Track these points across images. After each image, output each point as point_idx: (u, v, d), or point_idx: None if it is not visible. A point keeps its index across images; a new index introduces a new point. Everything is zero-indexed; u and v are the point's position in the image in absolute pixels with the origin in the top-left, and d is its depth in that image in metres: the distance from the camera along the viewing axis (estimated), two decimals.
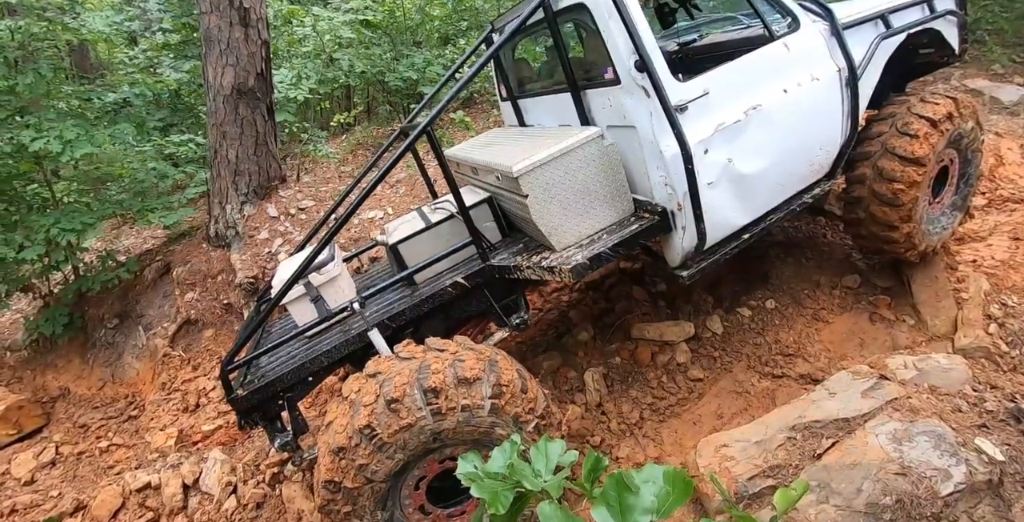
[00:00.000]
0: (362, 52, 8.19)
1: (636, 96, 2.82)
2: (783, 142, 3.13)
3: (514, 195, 2.98)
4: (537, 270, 2.94)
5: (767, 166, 3.10)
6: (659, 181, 2.90)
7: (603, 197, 3.01)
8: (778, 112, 3.07)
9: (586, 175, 2.93)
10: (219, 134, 6.04)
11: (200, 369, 5.51)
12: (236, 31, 5.81)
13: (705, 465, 2.65)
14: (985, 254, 4.26)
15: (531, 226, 3.08)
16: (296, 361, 3.01)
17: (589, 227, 3.03)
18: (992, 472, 2.36)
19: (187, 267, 6.02)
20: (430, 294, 3.09)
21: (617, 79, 2.88)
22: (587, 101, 3.21)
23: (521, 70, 4.20)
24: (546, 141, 2.99)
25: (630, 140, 2.95)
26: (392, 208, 5.87)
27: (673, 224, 2.94)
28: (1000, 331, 3.65)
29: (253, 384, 2.98)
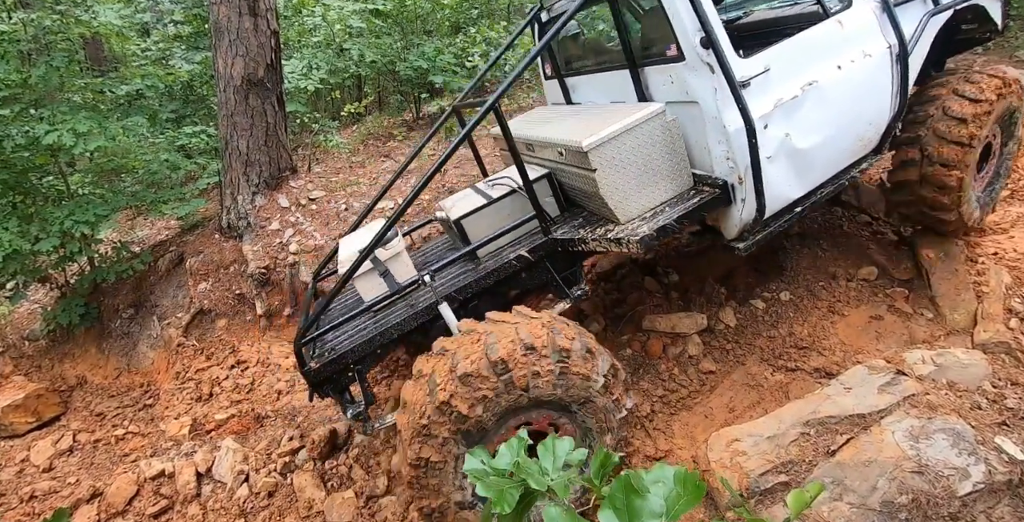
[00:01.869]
0: (372, 41, 8.14)
1: (700, 72, 2.87)
2: (836, 118, 3.18)
3: (580, 169, 3.06)
4: (603, 242, 3.03)
5: (821, 141, 3.15)
6: (721, 155, 2.97)
7: (665, 171, 3.09)
8: (832, 88, 3.12)
9: (650, 150, 3.01)
10: (230, 125, 6.04)
11: (213, 358, 5.56)
12: (245, 21, 5.78)
13: (716, 459, 2.62)
14: (1007, 246, 4.14)
15: (595, 200, 3.16)
16: (367, 334, 3.09)
17: (651, 200, 3.11)
18: (1012, 472, 2.31)
19: (200, 257, 6.06)
20: (495, 267, 3.19)
21: (681, 56, 2.92)
22: (645, 78, 3.28)
23: (567, 48, 4.20)
24: (610, 117, 3.06)
25: (692, 115, 3.01)
26: (402, 198, 5.84)
27: (733, 197, 3.01)
28: (1022, 326, 3.56)
29: (325, 357, 3.05)
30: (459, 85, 7.93)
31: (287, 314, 5.57)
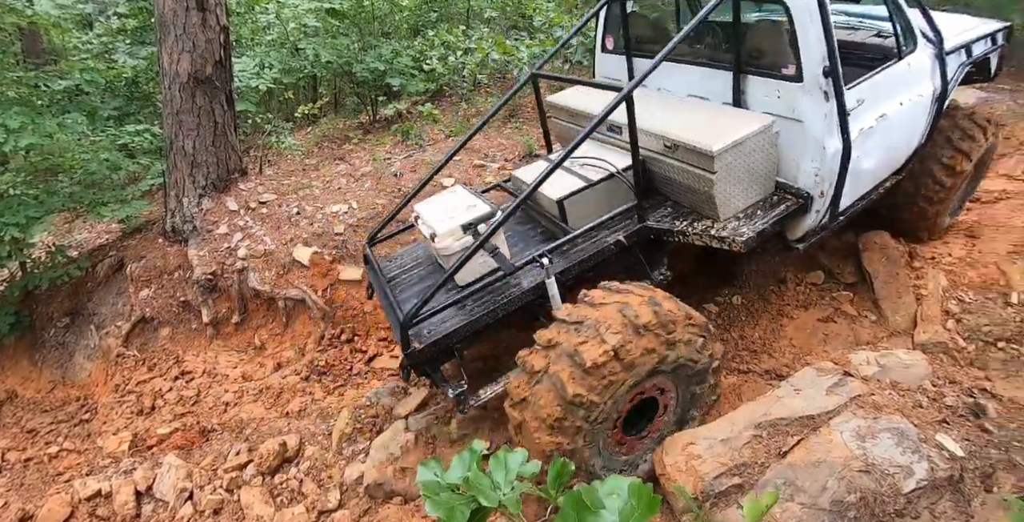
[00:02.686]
0: (328, 41, 7.96)
1: (815, 97, 3.06)
2: (889, 145, 3.59)
3: (695, 168, 3.19)
4: (706, 238, 3.22)
5: (875, 163, 3.53)
6: (810, 171, 3.22)
7: (760, 177, 3.30)
8: (894, 121, 3.48)
9: (757, 157, 3.20)
10: (175, 124, 5.78)
11: (156, 369, 5.30)
12: (193, 16, 5.56)
13: (672, 463, 2.62)
14: (943, 251, 4.35)
15: (698, 196, 3.31)
16: (473, 314, 3.04)
17: (746, 202, 3.32)
18: (953, 468, 2.39)
19: (142, 263, 5.77)
20: (596, 250, 3.24)
21: (799, 77, 3.08)
22: (745, 84, 3.42)
23: (639, 27, 4.21)
24: (729, 122, 3.23)
25: (791, 131, 3.22)
26: (356, 202, 5.72)
27: (809, 207, 3.29)
28: (957, 326, 3.73)
29: (428, 338, 2.97)
30: (417, 88, 7.83)
31: (235, 322, 5.36)
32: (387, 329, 5.15)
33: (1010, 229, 4.47)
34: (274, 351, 5.24)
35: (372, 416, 3.90)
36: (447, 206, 3.35)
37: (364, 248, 3.67)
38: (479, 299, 3.14)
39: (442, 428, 3.52)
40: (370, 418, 3.89)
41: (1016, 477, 2.47)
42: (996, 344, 3.59)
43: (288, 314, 5.28)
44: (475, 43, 7.26)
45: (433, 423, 3.56)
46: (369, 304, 5.18)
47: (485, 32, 7.95)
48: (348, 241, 5.38)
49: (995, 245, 4.31)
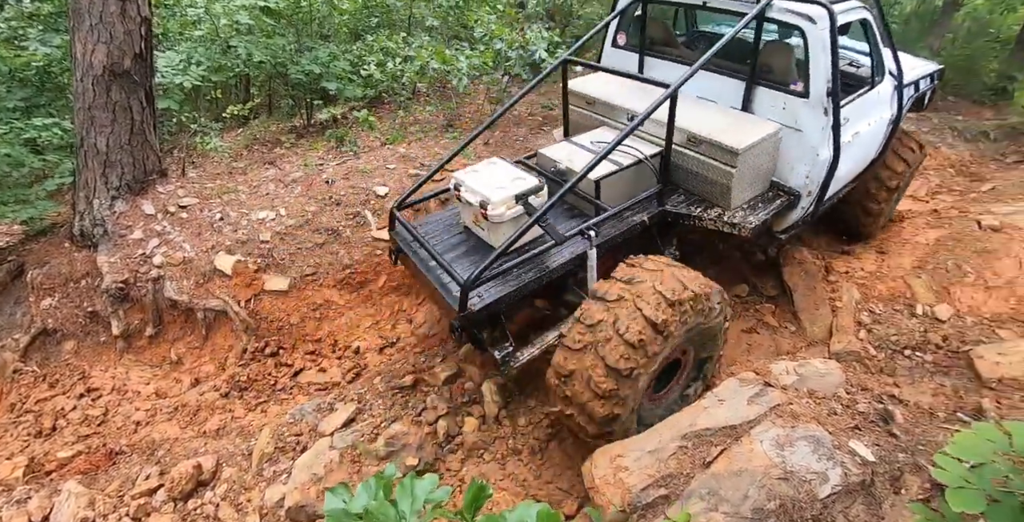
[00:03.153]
0: (262, 41, 7.65)
1: (816, 112, 3.61)
2: (857, 158, 4.23)
3: (717, 162, 3.65)
4: (720, 223, 3.70)
5: (846, 171, 4.15)
6: (802, 173, 3.80)
7: (763, 175, 3.84)
8: (863, 138, 4.13)
9: (765, 157, 3.74)
10: (87, 119, 5.37)
11: (58, 386, 4.85)
12: (111, 4, 5.19)
13: (600, 476, 2.62)
14: (856, 266, 4.63)
15: (714, 187, 3.77)
16: (521, 280, 3.27)
17: (750, 195, 3.84)
18: (865, 473, 2.50)
19: (45, 269, 5.29)
20: (625, 228, 3.59)
21: (806, 94, 3.62)
22: (755, 94, 3.91)
23: (655, 29, 4.61)
24: (747, 126, 3.74)
25: (790, 138, 3.78)
26: (285, 209, 5.48)
27: (797, 204, 3.88)
28: (869, 336, 3.96)
29: (483, 300, 3.15)
30: (354, 93, 7.64)
31: (149, 334, 5.00)
32: (315, 341, 4.94)
33: (915, 246, 4.82)
34: (192, 366, 4.92)
35: (296, 434, 3.71)
36: (493, 177, 3.53)
37: (391, 213, 3.81)
38: (525, 267, 3.35)
39: (368, 446, 3.38)
40: (293, 436, 3.69)
41: (922, 479, 2.61)
42: (903, 352, 3.84)
43: (208, 326, 4.97)
44: (415, 51, 7.17)
45: (359, 440, 3.42)
46: (296, 315, 4.96)
47: (426, 40, 7.87)
48: (275, 249, 5.14)
49: (902, 260, 4.62)
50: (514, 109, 7.93)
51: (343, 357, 4.89)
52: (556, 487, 3.23)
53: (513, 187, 3.38)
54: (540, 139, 6.89)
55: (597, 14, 9.90)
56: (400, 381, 3.99)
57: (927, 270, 4.45)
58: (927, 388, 3.41)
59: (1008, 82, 8.86)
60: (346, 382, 4.57)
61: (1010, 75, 8.87)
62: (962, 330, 3.93)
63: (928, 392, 3.36)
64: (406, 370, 4.18)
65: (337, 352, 4.94)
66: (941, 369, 3.63)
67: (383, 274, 5.33)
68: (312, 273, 5.15)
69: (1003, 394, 3.30)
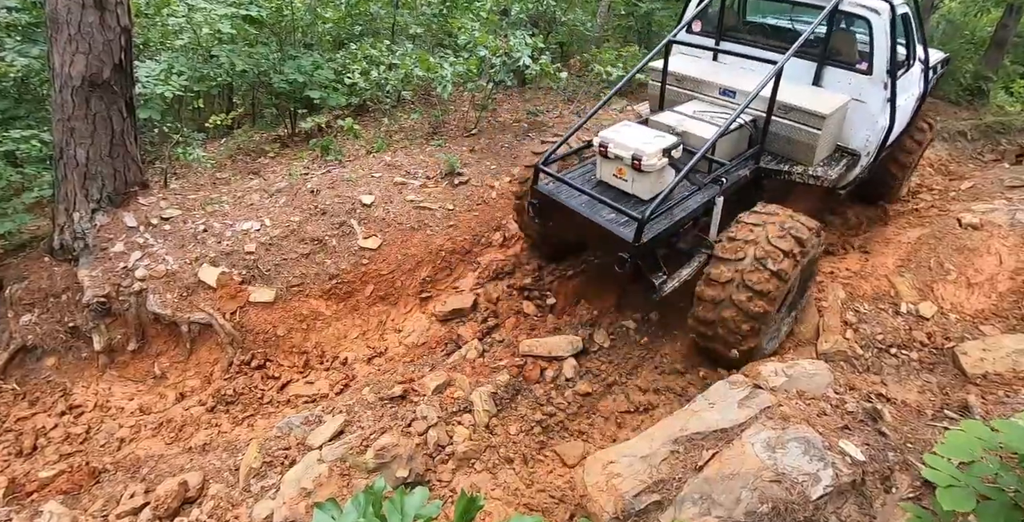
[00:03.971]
0: (245, 50, 7.60)
1: (877, 87, 4.43)
2: (897, 126, 4.90)
3: (805, 126, 4.40)
4: (805, 177, 4.50)
5: (893, 134, 4.87)
6: (863, 137, 4.63)
7: (835, 138, 4.65)
8: (903, 109, 4.86)
9: (838, 123, 4.54)
10: (66, 131, 5.29)
11: (39, 404, 4.74)
12: (90, 14, 5.13)
13: (593, 483, 2.60)
14: (841, 266, 4.68)
15: (798, 146, 4.52)
16: (673, 218, 3.88)
17: (825, 155, 4.63)
18: (855, 473, 2.51)
19: (24, 284, 5.19)
20: (734, 180, 4.22)
21: (869, 72, 4.42)
22: (825, 72, 4.65)
23: (728, 18, 5.33)
24: (828, 96, 4.50)
25: (854, 109, 4.55)
26: (270, 219, 5.42)
27: (856, 163, 4.70)
28: (855, 335, 3.99)
29: (648, 234, 3.68)
30: (338, 102, 7.61)
31: (132, 349, 4.90)
32: (301, 353, 4.88)
33: (897, 245, 4.88)
34: (176, 380, 4.83)
35: (284, 448, 3.64)
36: (637, 135, 4.08)
37: (537, 169, 4.26)
38: (670, 210, 3.92)
39: (358, 458, 3.33)
40: (281, 450, 3.63)
41: (911, 477, 2.62)
42: (889, 350, 3.87)
43: (192, 339, 4.89)
44: (399, 59, 7.16)
45: (349, 453, 3.37)
46: (282, 327, 4.90)
47: (410, 48, 7.86)
48: (260, 260, 5.08)
49: (885, 259, 4.68)
50: (499, 116, 7.94)
51: (331, 368, 4.83)
52: (548, 495, 3.21)
53: (659, 143, 3.94)
54: (526, 145, 6.90)
55: (580, 21, 9.96)
56: (389, 391, 3.95)
57: (910, 268, 4.50)
58: (914, 386, 3.44)
59: (984, 82, 9.04)
60: (334, 394, 4.51)
61: (985, 76, 9.05)
62: (946, 327, 3.97)
63: (915, 390, 3.39)
64: (395, 380, 4.14)
65: (324, 363, 4.88)
66: (927, 366, 3.67)
67: (370, 283, 5.29)
68: (298, 284, 5.10)
69: (988, 390, 3.33)
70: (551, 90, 8.84)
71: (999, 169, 7.01)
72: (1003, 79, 10.06)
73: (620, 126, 4.27)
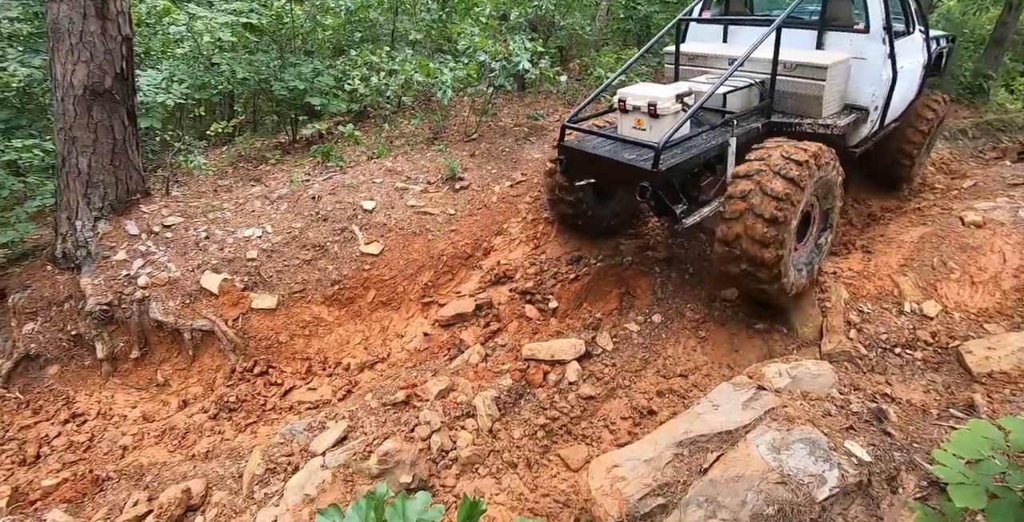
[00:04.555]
0: (245, 57, 7.64)
1: (876, 42, 4.75)
2: (904, 88, 5.28)
3: (811, 80, 4.70)
4: (816, 126, 4.73)
5: (900, 97, 5.28)
6: (869, 92, 4.89)
7: (840, 93, 4.90)
8: (906, 72, 5.18)
9: (842, 77, 4.81)
10: (68, 140, 5.31)
11: (42, 413, 4.74)
12: (91, 24, 5.17)
13: (597, 487, 2.59)
14: (844, 266, 4.65)
15: (805, 101, 4.80)
16: (688, 153, 4.09)
17: (833, 109, 4.91)
18: (862, 474, 2.49)
19: (27, 293, 5.20)
20: (746, 130, 4.50)
21: (867, 30, 4.76)
22: (825, 37, 5.01)
23: (735, 4, 5.88)
24: (827, 53, 4.87)
25: (857, 66, 4.86)
26: (271, 226, 5.43)
27: (866, 118, 4.96)
28: (859, 335, 3.97)
29: (667, 164, 3.88)
30: (339, 108, 7.63)
31: (134, 357, 4.90)
32: (304, 359, 4.88)
33: (900, 244, 4.85)
34: (179, 388, 4.83)
35: (287, 454, 3.63)
36: (652, 88, 4.37)
37: (563, 127, 4.58)
38: (686, 148, 4.16)
39: (361, 464, 3.32)
40: (284, 457, 3.62)
41: (918, 477, 2.60)
42: (893, 350, 3.84)
43: (195, 347, 4.89)
44: (399, 65, 7.18)
45: (352, 459, 3.36)
46: (284, 333, 4.90)
47: (409, 54, 7.89)
48: (261, 267, 5.09)
49: (888, 259, 4.65)
50: (500, 120, 7.96)
51: (333, 374, 4.83)
52: (553, 500, 3.19)
53: (672, 90, 4.23)
54: (527, 149, 6.91)
55: (579, 24, 9.98)
56: (392, 397, 3.94)
57: (913, 268, 4.48)
58: (918, 385, 3.41)
59: (984, 80, 9.03)
60: (337, 400, 4.50)
61: (986, 73, 9.04)
62: (950, 326, 3.95)
63: (920, 389, 3.37)
64: (398, 385, 4.13)
65: (327, 369, 4.88)
66: (931, 366, 3.64)
67: (372, 289, 5.28)
68: (300, 290, 5.10)
69: (994, 388, 3.31)
70: (551, 94, 8.85)
71: (1001, 167, 7.00)
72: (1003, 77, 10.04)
73: (638, 85, 4.62)
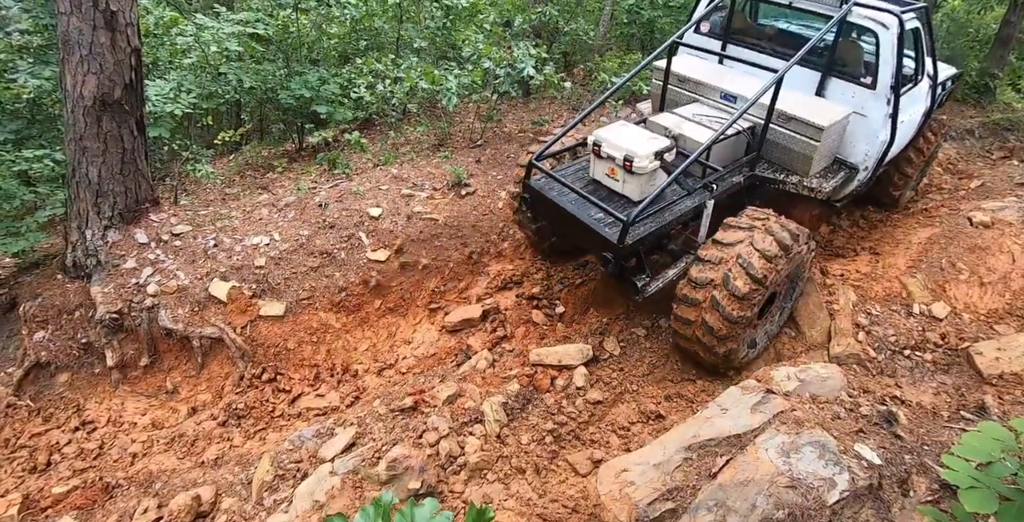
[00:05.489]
0: (252, 67, 7.72)
1: (880, 102, 4.37)
2: (899, 143, 4.89)
3: (804, 137, 4.35)
4: (800, 187, 4.46)
5: (894, 150, 4.81)
6: (862, 151, 4.57)
7: (833, 150, 4.58)
8: (906, 125, 4.81)
9: (837, 135, 4.46)
10: (78, 150, 5.37)
11: (52, 420, 4.78)
12: (101, 35, 5.23)
13: (606, 492, 2.58)
14: (851, 268, 4.63)
15: (796, 157, 4.46)
16: (660, 221, 3.86)
17: (822, 166, 4.59)
18: (872, 477, 2.47)
19: (37, 302, 5.25)
20: (728, 186, 4.23)
21: (873, 86, 4.37)
22: (828, 82, 4.61)
23: (737, 20, 5.29)
24: (829, 108, 4.43)
25: (855, 122, 4.49)
26: (279, 233, 5.47)
27: (855, 177, 4.64)
28: (868, 338, 3.95)
29: (634, 236, 3.68)
30: (344, 116, 7.69)
31: (144, 364, 4.94)
32: (312, 366, 4.90)
33: (908, 246, 4.83)
34: (188, 395, 4.86)
35: (296, 461, 3.64)
36: (631, 136, 4.03)
37: (530, 164, 4.27)
38: (658, 213, 3.89)
39: (370, 470, 3.32)
40: (293, 463, 3.63)
41: (929, 480, 2.58)
42: (903, 352, 3.82)
43: (204, 354, 4.92)
44: (404, 72, 7.24)
45: (361, 465, 3.36)
46: (292, 340, 4.92)
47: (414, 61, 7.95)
48: (269, 274, 5.12)
49: (896, 260, 4.63)
50: (504, 126, 7.99)
51: (341, 381, 4.84)
52: (561, 505, 3.18)
53: (652, 145, 3.90)
54: None
55: (583, 31, 10.03)
56: (400, 403, 3.95)
57: (921, 269, 4.46)
58: (928, 387, 3.39)
59: (990, 79, 8.98)
60: (345, 406, 4.51)
61: (991, 72, 8.99)
62: (960, 327, 3.92)
63: (930, 391, 3.34)
64: (406, 391, 4.14)
65: (335, 376, 4.89)
66: (941, 368, 3.61)
67: (379, 295, 5.30)
68: (308, 297, 5.12)
69: (1005, 389, 3.28)
70: (555, 100, 8.89)
71: (1008, 166, 6.95)
72: (1009, 76, 9.98)
73: (616, 126, 4.23)
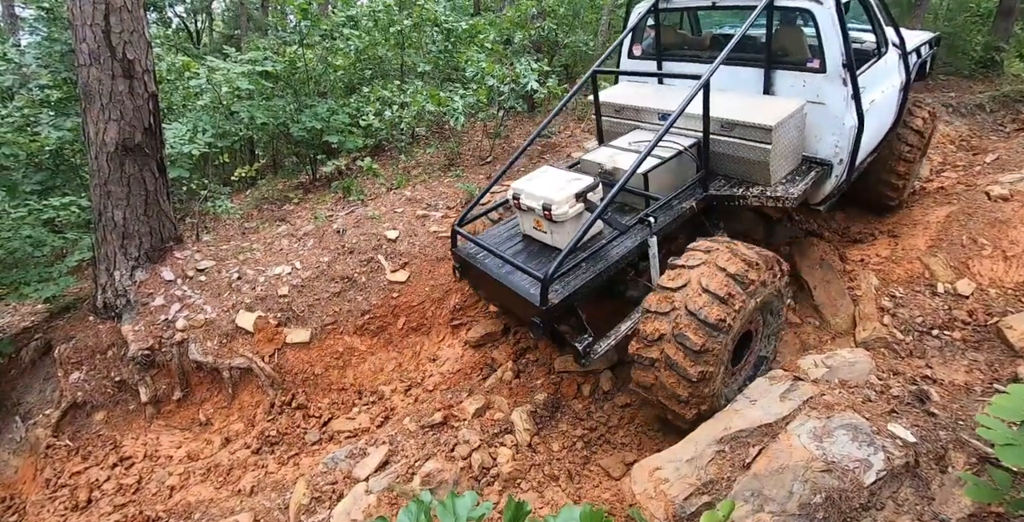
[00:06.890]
0: (263, 104, 7.98)
1: (835, 84, 3.84)
2: (876, 125, 4.36)
3: (753, 142, 3.82)
4: (763, 198, 3.84)
5: (868, 139, 4.25)
6: (831, 143, 4.00)
7: (795, 149, 4.02)
8: (878, 105, 4.30)
9: (795, 133, 3.92)
10: (103, 194, 5.59)
11: (91, 458, 4.88)
12: (119, 84, 5.49)
13: (641, 491, 2.56)
14: (871, 253, 4.58)
15: (752, 166, 3.93)
16: (593, 271, 3.37)
17: (786, 170, 4.00)
18: (908, 455, 2.43)
19: (71, 344, 5.41)
20: (676, 215, 3.74)
21: (823, 69, 3.86)
22: (774, 77, 4.15)
23: (668, 36, 4.90)
24: (774, 105, 3.92)
25: (814, 113, 3.98)
26: (300, 262, 5.59)
27: (830, 173, 4.05)
28: (893, 321, 3.89)
29: (561, 293, 3.23)
30: (355, 144, 7.88)
31: (177, 398, 5.04)
32: (340, 390, 4.95)
33: (926, 225, 4.77)
34: (221, 425, 4.93)
35: (331, 482, 3.67)
36: (549, 181, 3.66)
37: (453, 231, 4.01)
38: (593, 260, 3.47)
39: (404, 486, 3.34)
40: (329, 485, 3.66)
41: (967, 454, 2.52)
42: (931, 332, 3.75)
43: (234, 384, 5.01)
44: (410, 97, 7.42)
45: (395, 482, 3.38)
46: (319, 365, 4.99)
47: (420, 86, 8.15)
48: (293, 302, 5.22)
49: (915, 241, 4.57)
50: (512, 141, 8.11)
51: (370, 402, 4.88)
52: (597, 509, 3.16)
53: (571, 187, 3.50)
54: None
55: (583, 42, 10.19)
56: (430, 419, 3.97)
57: (942, 248, 4.39)
58: (960, 365, 3.32)
59: (996, 53, 8.87)
60: (375, 426, 4.54)
61: (997, 46, 8.88)
62: (987, 303, 3.84)
63: (962, 369, 3.28)
64: (434, 408, 4.17)
65: (364, 398, 4.94)
66: (972, 345, 3.54)
67: (401, 316, 5.37)
68: (332, 322, 5.20)
69: None
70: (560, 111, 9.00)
71: (1023, 137, 6.84)
72: (1016, 47, 9.84)
73: (537, 173, 3.85)
